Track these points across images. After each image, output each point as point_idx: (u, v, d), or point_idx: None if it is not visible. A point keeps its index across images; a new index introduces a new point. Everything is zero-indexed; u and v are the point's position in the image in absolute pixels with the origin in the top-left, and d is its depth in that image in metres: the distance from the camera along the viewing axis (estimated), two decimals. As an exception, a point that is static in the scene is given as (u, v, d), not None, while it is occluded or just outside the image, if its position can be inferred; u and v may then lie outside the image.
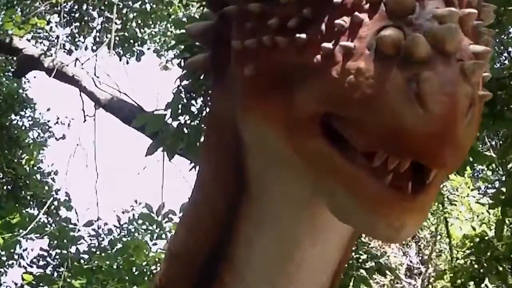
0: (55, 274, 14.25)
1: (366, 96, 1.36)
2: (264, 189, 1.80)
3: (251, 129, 1.68)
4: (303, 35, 1.48)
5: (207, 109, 1.90)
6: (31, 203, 17.82)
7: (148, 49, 18.59)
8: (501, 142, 10.92)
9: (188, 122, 9.04)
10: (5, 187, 17.78)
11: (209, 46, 1.87)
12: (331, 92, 1.42)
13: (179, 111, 9.02)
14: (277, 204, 1.79)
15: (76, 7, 16.45)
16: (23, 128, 18.63)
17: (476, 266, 10.14)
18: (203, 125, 8.86)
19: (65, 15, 16.06)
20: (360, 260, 10.20)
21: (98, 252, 14.12)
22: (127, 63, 17.37)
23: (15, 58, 16.07)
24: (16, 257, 16.45)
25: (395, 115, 1.33)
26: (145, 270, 13.43)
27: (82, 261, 13.88)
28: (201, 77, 8.70)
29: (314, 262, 1.86)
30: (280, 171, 1.72)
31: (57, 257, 14.56)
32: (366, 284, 9.49)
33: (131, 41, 17.39)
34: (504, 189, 8.92)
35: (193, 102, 9.10)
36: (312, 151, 1.51)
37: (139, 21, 17.83)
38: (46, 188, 18.17)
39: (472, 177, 19.26)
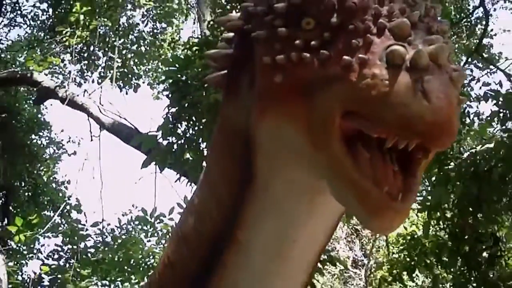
0: (67, 265, 14.15)
1: (382, 93, 1.48)
2: (270, 180, 1.84)
3: (270, 128, 1.72)
4: (326, 52, 1.59)
5: (218, 118, 1.99)
6: (48, 207, 17.75)
7: (143, 82, 18.50)
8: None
9: (175, 141, 8.96)
10: (26, 194, 17.73)
11: (224, 67, 1.95)
12: (351, 93, 1.53)
13: (168, 132, 8.95)
14: (280, 191, 1.84)
15: (84, 48, 16.39)
16: (41, 145, 18.57)
17: (408, 259, 10.16)
18: (186, 144, 8.90)
19: (76, 55, 15.91)
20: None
21: (102, 247, 14.03)
22: (126, 93, 17.32)
23: (35, 89, 15.90)
24: (35, 251, 16.63)
25: (406, 106, 1.45)
26: (140, 262, 13.40)
27: (89, 254, 13.82)
28: (186, 106, 8.69)
29: (306, 240, 1.91)
30: (289, 163, 1.76)
31: (69, 251, 14.52)
32: (320, 273, 9.41)
33: (130, 76, 17.37)
34: (429, 197, 9.02)
35: (178, 125, 9.00)
36: (330, 154, 1.59)
37: (136, 60, 17.80)
38: (60, 195, 18.11)
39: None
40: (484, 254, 9.10)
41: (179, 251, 2.10)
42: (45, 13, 17.52)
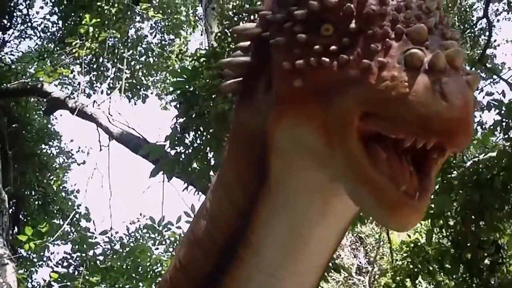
0: (76, 272, 14.17)
1: (402, 94, 1.51)
2: (284, 180, 1.85)
3: (287, 130, 1.74)
4: (345, 56, 1.62)
5: (231, 124, 2.10)
6: (57, 215, 17.80)
7: (151, 93, 18.59)
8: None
9: (183, 151, 8.98)
10: (36, 203, 17.78)
11: (240, 74, 1.96)
12: (370, 94, 1.56)
13: (176, 142, 8.98)
14: (293, 191, 1.85)
15: (94, 59, 16.47)
16: (51, 155, 18.66)
17: (411, 266, 10.16)
18: (193, 154, 8.92)
19: (85, 66, 16.08)
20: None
21: (111, 255, 13.98)
22: (135, 104, 17.40)
23: (45, 100, 16.03)
24: (44, 259, 16.63)
25: (425, 106, 1.48)
26: (148, 269, 13.39)
27: (98, 262, 13.80)
28: (193, 116, 8.72)
29: (318, 241, 1.93)
30: (303, 163, 1.78)
31: (78, 259, 14.55)
32: (325, 280, 9.45)
33: (138, 87, 17.47)
34: (432, 205, 8.93)
35: (186, 135, 9.04)
36: (348, 154, 1.61)
37: (144, 71, 17.87)
38: (70, 203, 18.15)
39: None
40: (486, 261, 9.16)
41: (191, 253, 2.11)
42: (55, 25, 17.62)
